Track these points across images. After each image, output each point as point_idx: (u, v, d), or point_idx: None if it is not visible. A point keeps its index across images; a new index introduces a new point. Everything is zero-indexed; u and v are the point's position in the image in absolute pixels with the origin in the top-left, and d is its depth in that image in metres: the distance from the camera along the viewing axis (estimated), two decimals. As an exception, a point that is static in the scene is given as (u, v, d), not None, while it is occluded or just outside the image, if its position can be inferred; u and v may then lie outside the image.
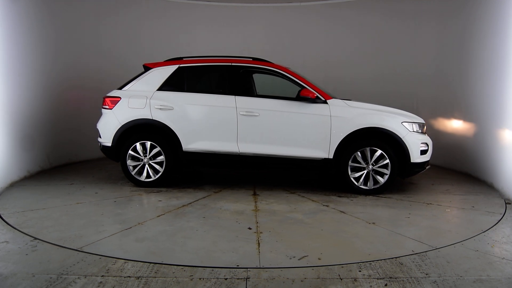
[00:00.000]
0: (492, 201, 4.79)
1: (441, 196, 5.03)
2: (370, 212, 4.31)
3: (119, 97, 5.23)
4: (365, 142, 4.88)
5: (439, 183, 5.65)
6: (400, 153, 4.86)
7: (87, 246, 3.33)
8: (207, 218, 4.07)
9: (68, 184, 5.36)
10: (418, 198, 4.88)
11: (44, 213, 4.16)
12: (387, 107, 5.08)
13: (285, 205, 4.55)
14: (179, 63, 5.29)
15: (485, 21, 5.60)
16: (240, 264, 3.02)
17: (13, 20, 5.38)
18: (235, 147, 5.01)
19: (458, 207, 4.56)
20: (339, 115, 4.88)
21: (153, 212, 4.25)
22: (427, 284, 2.76)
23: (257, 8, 8.05)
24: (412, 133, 4.86)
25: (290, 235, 3.63)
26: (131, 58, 7.44)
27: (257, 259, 3.10)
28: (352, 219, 4.09)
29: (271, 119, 4.95)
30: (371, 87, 7.49)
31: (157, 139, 5.13)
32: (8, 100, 5.25)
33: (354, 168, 4.95)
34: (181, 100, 5.09)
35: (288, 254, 3.19)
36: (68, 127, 6.59)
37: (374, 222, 3.97)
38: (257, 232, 3.68)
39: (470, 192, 5.17)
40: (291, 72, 5.09)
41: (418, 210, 4.41)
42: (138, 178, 5.20)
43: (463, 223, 4.03)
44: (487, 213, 4.33)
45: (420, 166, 4.97)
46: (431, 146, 5.05)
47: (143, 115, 5.11)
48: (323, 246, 3.38)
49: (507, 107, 5.04)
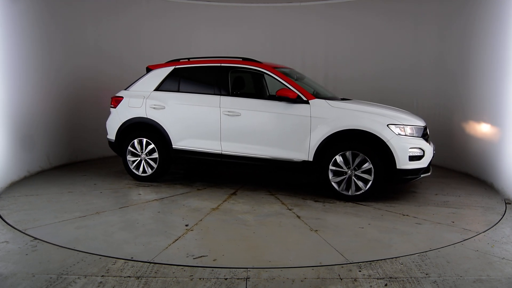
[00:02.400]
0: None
1: (429, 208, 4.49)
2: (326, 219, 4.08)
3: (122, 97, 5.62)
4: (346, 145, 4.58)
5: (445, 193, 5.07)
6: (386, 158, 4.49)
7: (31, 229, 3.72)
8: (161, 213, 4.27)
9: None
10: (400, 208, 4.45)
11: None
12: (381, 109, 4.79)
13: (248, 206, 4.51)
14: (175, 65, 5.53)
15: (486, 20, 5.60)
16: (134, 256, 3.15)
17: (13, 20, 5.38)
18: (218, 146, 5.08)
19: (435, 221, 4.03)
20: (319, 116, 4.66)
21: (119, 204, 4.57)
22: (427, 284, 2.77)
23: (257, 8, 8.05)
24: (399, 137, 4.46)
25: (216, 235, 3.66)
26: (131, 59, 7.45)
27: (154, 254, 3.19)
28: (300, 225, 3.92)
29: (252, 119, 4.93)
30: (371, 87, 7.49)
31: (152, 136, 5.41)
32: (8, 100, 5.25)
33: (336, 172, 4.66)
34: (172, 99, 5.32)
35: (190, 253, 3.22)
36: (68, 127, 6.59)
37: (318, 230, 3.76)
38: (189, 230, 3.76)
39: (467, 205, 4.58)
40: (276, 71, 4.99)
41: (384, 221, 4.04)
42: (136, 173, 5.54)
43: (413, 240, 3.56)
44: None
45: (411, 173, 4.55)
46: (429, 151, 4.63)
47: (140, 113, 5.43)
48: (233, 249, 3.35)
49: (507, 106, 5.04)
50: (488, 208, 4.50)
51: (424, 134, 4.79)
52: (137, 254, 3.19)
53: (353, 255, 3.20)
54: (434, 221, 4.04)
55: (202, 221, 4.01)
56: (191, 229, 3.79)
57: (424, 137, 4.75)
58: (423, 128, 4.74)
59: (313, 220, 4.05)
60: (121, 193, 5.05)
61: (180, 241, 3.48)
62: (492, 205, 4.63)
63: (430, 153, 4.67)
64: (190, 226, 3.86)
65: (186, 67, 5.48)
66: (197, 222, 3.97)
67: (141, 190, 5.18)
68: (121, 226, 3.85)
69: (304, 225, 3.91)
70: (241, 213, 4.27)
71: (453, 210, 4.42)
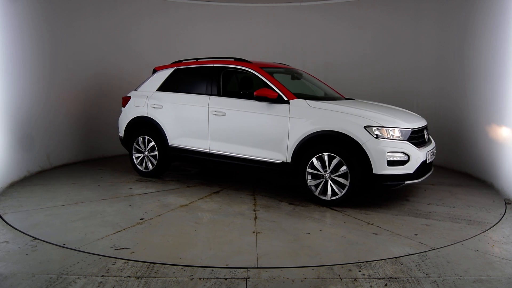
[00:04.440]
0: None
1: (406, 218, 4.13)
2: (281, 223, 3.97)
3: (130, 97, 5.97)
4: (323, 147, 4.41)
5: (440, 204, 4.64)
6: (362, 162, 4.24)
7: (5, 214, 4.09)
8: (131, 207, 4.46)
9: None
10: (372, 217, 4.15)
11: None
12: (365, 109, 4.54)
13: (217, 205, 4.54)
14: (176, 66, 5.74)
15: (486, 19, 5.59)
16: (66, 243, 3.38)
17: (13, 20, 5.38)
18: (207, 145, 5.17)
19: (395, 233, 3.71)
20: (297, 117, 4.54)
21: (103, 196, 4.84)
22: (427, 284, 2.77)
23: (257, 8, 8.05)
24: (376, 140, 4.18)
25: (158, 230, 3.75)
26: (131, 59, 7.45)
27: (84, 243, 3.38)
28: (248, 226, 3.87)
29: (236, 119, 4.94)
30: (371, 87, 7.48)
31: (152, 134, 5.66)
32: (8, 100, 5.25)
33: (314, 175, 4.49)
34: (169, 99, 5.52)
35: (117, 245, 3.37)
36: (68, 127, 6.59)
37: (260, 232, 3.70)
38: (138, 224, 3.92)
39: (455, 217, 4.13)
40: (262, 71, 4.96)
41: (340, 228, 3.83)
42: (140, 168, 5.84)
43: (348, 250, 3.35)
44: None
45: (390, 179, 4.23)
46: (416, 156, 4.27)
47: (142, 112, 5.72)
48: (159, 244, 3.44)
49: (507, 106, 5.03)
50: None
51: (418, 136, 4.51)
52: (69, 242, 3.41)
53: (269, 260, 3.11)
54: (395, 233, 3.72)
55: (160, 216, 4.14)
56: (142, 223, 3.95)
57: (418, 140, 4.48)
58: (410, 131, 4.36)
59: (267, 223, 3.97)
60: (115, 186, 5.31)
61: (119, 233, 3.66)
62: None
63: (418, 158, 4.30)
64: (144, 220, 4.02)
65: (184, 68, 5.65)
66: (153, 217, 4.10)
67: (134, 185, 5.42)
68: (84, 216, 4.12)
69: (251, 227, 3.85)
70: (204, 211, 4.32)
71: (430, 222, 4.04)
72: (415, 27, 7.10)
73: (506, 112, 5.06)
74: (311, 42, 8.03)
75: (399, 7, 7.28)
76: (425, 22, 6.96)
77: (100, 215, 4.15)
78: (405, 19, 7.23)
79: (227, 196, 4.90)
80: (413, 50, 7.14)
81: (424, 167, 4.50)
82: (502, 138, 5.14)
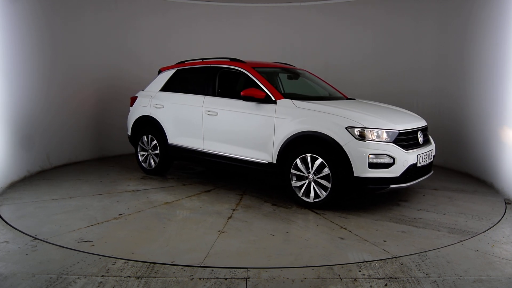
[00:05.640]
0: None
1: (384, 223, 3.95)
2: (252, 223, 3.93)
3: (137, 97, 6.13)
4: (307, 147, 4.32)
5: (432, 210, 4.35)
6: (344, 164, 4.10)
7: (2, 206, 4.34)
8: (119, 202, 4.59)
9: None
10: (349, 221, 4.00)
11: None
12: (351, 110, 4.40)
13: (200, 203, 4.57)
14: (179, 66, 5.83)
15: (486, 19, 5.59)
16: (37, 234, 3.55)
17: (13, 20, 5.37)
18: (201, 144, 5.23)
19: (363, 238, 3.59)
20: (282, 117, 4.48)
21: (98, 191, 5.01)
22: (427, 284, 2.77)
23: (257, 8, 8.05)
24: (357, 141, 4.03)
25: (127, 226, 3.84)
26: (131, 58, 7.45)
27: (53, 235, 3.55)
28: (217, 225, 3.87)
29: (227, 118, 4.97)
30: (371, 86, 7.47)
31: (154, 133, 5.79)
32: (8, 100, 5.25)
33: (298, 176, 4.41)
34: (169, 99, 5.65)
35: (82, 238, 3.51)
36: (68, 127, 6.59)
37: (225, 232, 3.70)
38: (114, 219, 4.02)
39: (438, 224, 3.88)
40: (253, 71, 4.94)
41: (308, 231, 3.76)
42: (144, 166, 6.00)
43: (302, 254, 3.26)
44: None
45: (373, 182, 4.05)
46: (403, 159, 4.08)
47: (146, 112, 5.86)
48: (120, 239, 3.54)
49: (507, 106, 5.03)
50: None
51: (408, 138, 4.32)
52: (42, 233, 3.59)
53: (215, 260, 3.10)
54: (363, 238, 3.58)
55: (139, 212, 4.24)
56: (118, 218, 4.06)
57: (408, 141, 4.29)
58: (397, 132, 4.18)
59: (238, 223, 3.95)
60: (116, 183, 5.47)
61: (92, 227, 3.79)
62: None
63: (405, 161, 4.10)
64: (122, 215, 4.13)
65: (185, 68, 5.74)
66: (132, 213, 4.21)
67: (134, 182, 5.55)
68: (69, 210, 4.28)
69: (220, 226, 3.84)
70: (184, 209, 4.37)
71: (409, 229, 3.83)
72: (415, 27, 7.10)
73: (506, 112, 5.06)
74: (311, 41, 8.03)
75: (399, 7, 7.28)
76: (425, 22, 6.96)
77: (85, 209, 4.29)
78: (405, 19, 7.23)
79: (215, 195, 4.92)
80: (413, 50, 7.13)
81: (415, 170, 4.29)
82: (502, 138, 5.14)
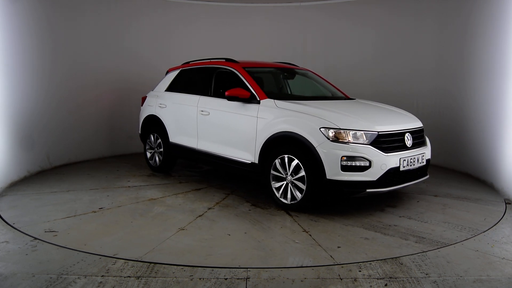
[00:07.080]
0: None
1: (353, 229, 3.79)
2: (219, 222, 3.94)
3: (146, 96, 6.31)
4: (284, 148, 4.26)
5: (415, 219, 4.07)
6: (317, 166, 3.98)
7: (2, 197, 4.58)
8: (108, 197, 4.74)
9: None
10: (317, 225, 3.87)
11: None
12: (329, 111, 4.25)
13: (182, 201, 4.66)
14: (182, 67, 5.97)
15: (486, 19, 5.59)
16: (15, 223, 3.79)
17: (13, 20, 5.38)
18: (195, 143, 5.35)
19: (318, 242, 3.48)
20: (263, 117, 4.47)
21: (96, 186, 5.21)
22: (427, 284, 2.77)
23: (257, 8, 8.05)
24: (330, 143, 3.90)
25: (100, 219, 3.99)
26: (131, 58, 7.45)
27: (26, 225, 3.76)
28: (183, 222, 3.91)
29: (217, 118, 5.04)
30: (371, 86, 7.47)
31: (158, 131, 5.94)
32: (8, 100, 5.25)
33: (277, 177, 4.36)
34: (171, 99, 5.80)
35: (51, 228, 3.69)
36: (68, 127, 6.59)
37: (186, 229, 3.73)
38: (93, 212, 4.19)
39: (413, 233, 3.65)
40: (243, 71, 4.95)
41: (267, 232, 3.70)
42: (150, 163, 6.19)
43: (246, 255, 3.23)
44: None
45: (347, 185, 3.90)
46: (381, 164, 3.89)
47: (152, 111, 6.05)
48: (86, 231, 3.67)
49: (507, 106, 5.03)
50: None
51: (392, 140, 4.12)
52: (20, 222, 3.83)
53: (154, 256, 3.16)
54: (318, 243, 3.45)
55: (119, 207, 4.38)
56: (96, 211, 4.22)
57: (392, 144, 4.10)
58: (376, 134, 3.98)
59: (205, 221, 3.97)
60: (119, 179, 5.66)
61: (66, 219, 3.96)
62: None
63: (383, 165, 3.92)
64: (101, 209, 4.28)
65: (187, 69, 5.88)
66: (112, 207, 4.36)
67: (137, 178, 5.74)
68: (58, 202, 4.48)
69: (184, 224, 3.88)
70: (163, 206, 4.46)
71: (375, 235, 3.64)
72: (415, 27, 7.09)
73: (506, 112, 5.06)
74: (311, 41, 8.03)
75: (399, 7, 7.27)
76: (425, 22, 6.95)
77: (72, 202, 4.46)
78: (405, 19, 7.22)
79: (202, 194, 4.97)
80: (413, 50, 7.13)
81: (398, 175, 4.09)
82: (502, 138, 5.14)
